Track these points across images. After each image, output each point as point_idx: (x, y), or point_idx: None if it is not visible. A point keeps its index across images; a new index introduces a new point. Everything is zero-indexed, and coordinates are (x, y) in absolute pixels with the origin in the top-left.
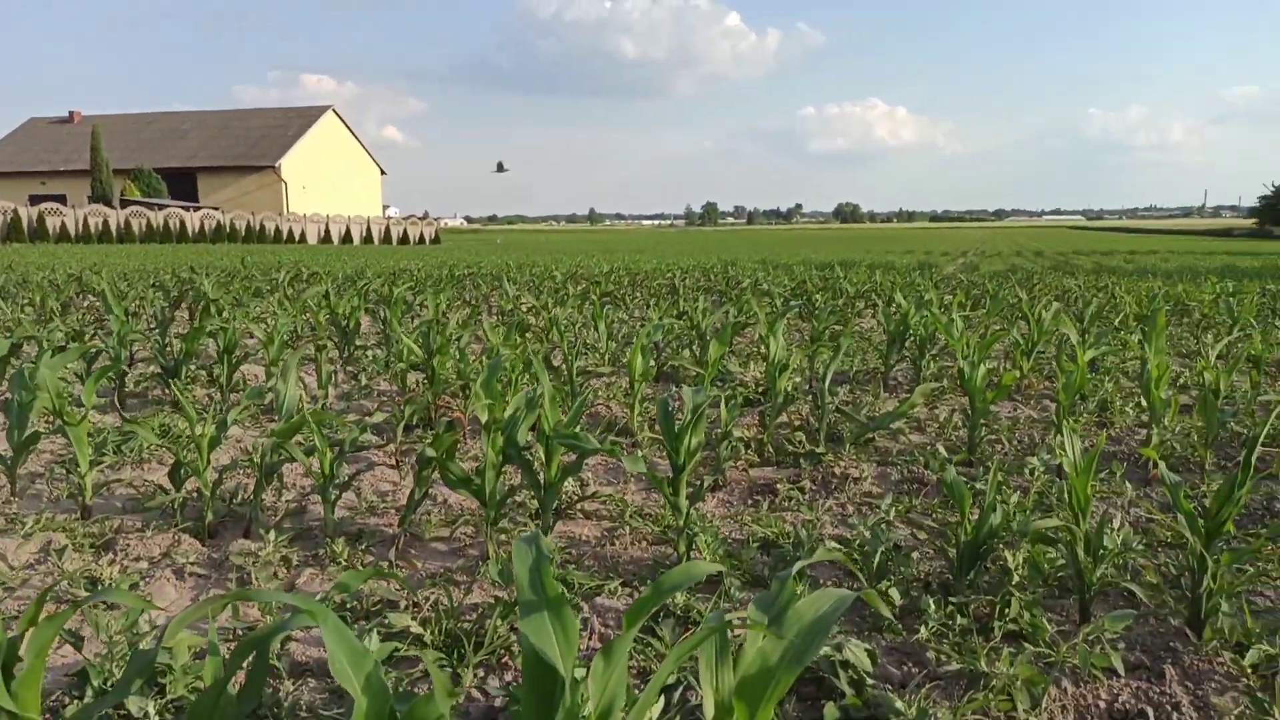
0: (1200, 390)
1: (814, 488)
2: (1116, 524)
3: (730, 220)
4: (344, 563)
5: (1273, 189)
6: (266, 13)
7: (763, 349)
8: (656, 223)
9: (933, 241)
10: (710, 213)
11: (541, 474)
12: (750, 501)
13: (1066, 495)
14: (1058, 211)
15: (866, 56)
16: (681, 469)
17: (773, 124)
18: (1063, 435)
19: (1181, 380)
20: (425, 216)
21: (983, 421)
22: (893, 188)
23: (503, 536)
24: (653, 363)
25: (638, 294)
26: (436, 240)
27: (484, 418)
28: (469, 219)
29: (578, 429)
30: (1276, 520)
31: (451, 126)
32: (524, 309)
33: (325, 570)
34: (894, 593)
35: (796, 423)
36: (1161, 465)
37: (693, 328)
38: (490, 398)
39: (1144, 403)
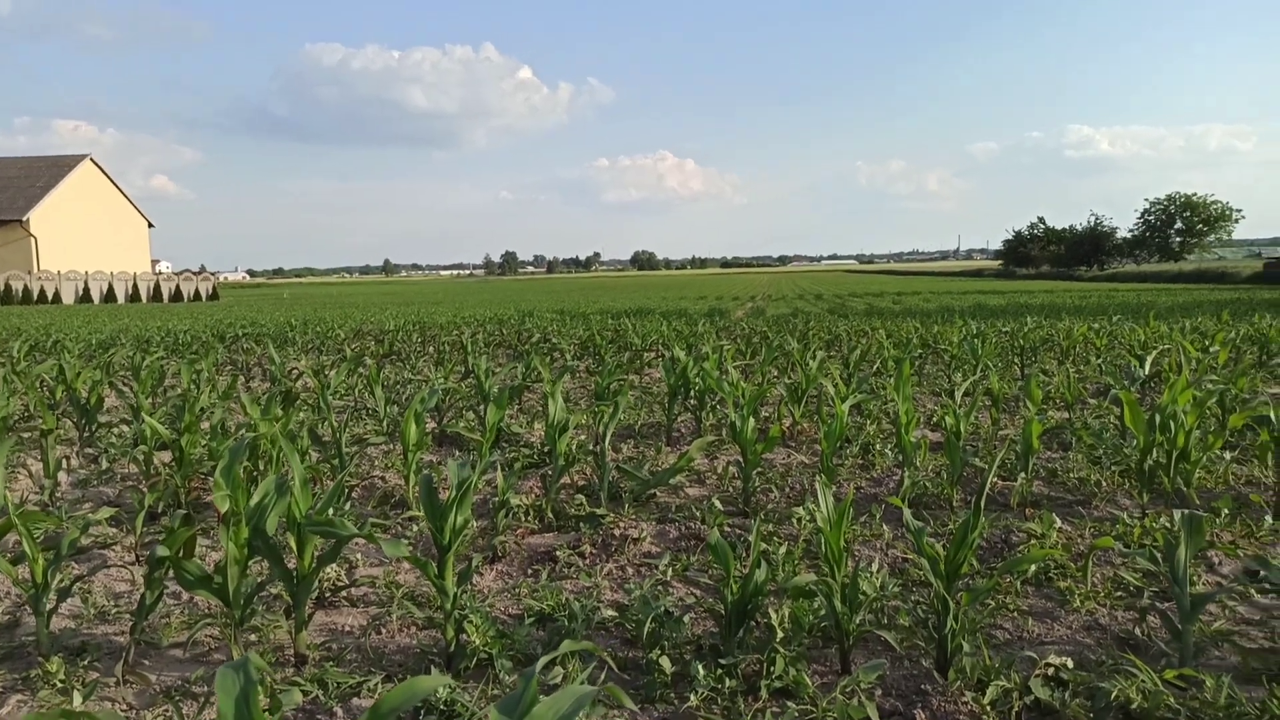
0: (946, 430)
1: (594, 551)
2: (875, 568)
3: (531, 269)
4: (60, 684)
5: (1013, 234)
6: (7, 55)
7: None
8: (455, 273)
9: (724, 286)
10: (510, 262)
11: (294, 565)
12: (530, 571)
13: (822, 547)
14: (834, 256)
15: (655, 112)
16: (448, 548)
17: (569, 175)
18: (819, 491)
19: (935, 419)
20: (201, 271)
21: (757, 471)
22: (686, 235)
23: (253, 636)
24: (434, 426)
25: (430, 349)
26: (214, 296)
27: (223, 508)
28: (251, 272)
29: (347, 505)
30: (1014, 552)
31: (230, 176)
32: (293, 375)
33: (36, 695)
34: (665, 661)
35: (580, 483)
36: (906, 512)
37: (478, 389)
38: (232, 486)
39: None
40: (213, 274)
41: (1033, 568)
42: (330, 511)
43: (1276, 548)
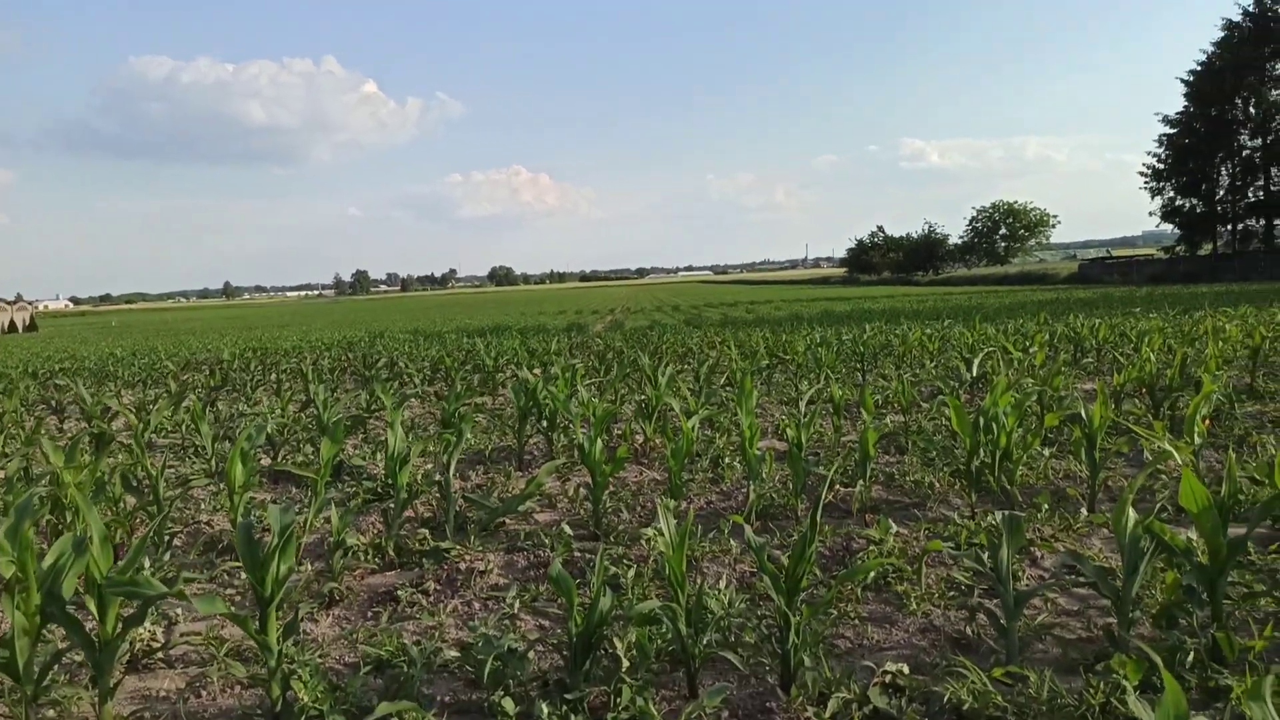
0: (789, 442)
1: (439, 588)
2: (724, 584)
3: (384, 288)
4: None
5: (856, 242)
6: None
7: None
8: (303, 293)
9: (584, 300)
10: (362, 281)
11: (96, 631)
12: (369, 614)
13: (666, 571)
14: (690, 268)
15: (507, 126)
16: (270, 600)
17: (421, 191)
18: (660, 514)
19: (782, 429)
20: (16, 300)
21: (609, 491)
22: (543, 250)
23: (51, 712)
24: (267, 462)
25: (271, 377)
26: (32, 327)
27: (8, 574)
28: (76, 300)
29: (167, 556)
30: (855, 559)
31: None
32: (109, 414)
33: None
34: (508, 702)
35: (426, 516)
36: (748, 530)
37: (317, 420)
38: (20, 548)
39: None
40: (30, 303)
41: (871, 574)
42: (144, 565)
43: (1091, 539)
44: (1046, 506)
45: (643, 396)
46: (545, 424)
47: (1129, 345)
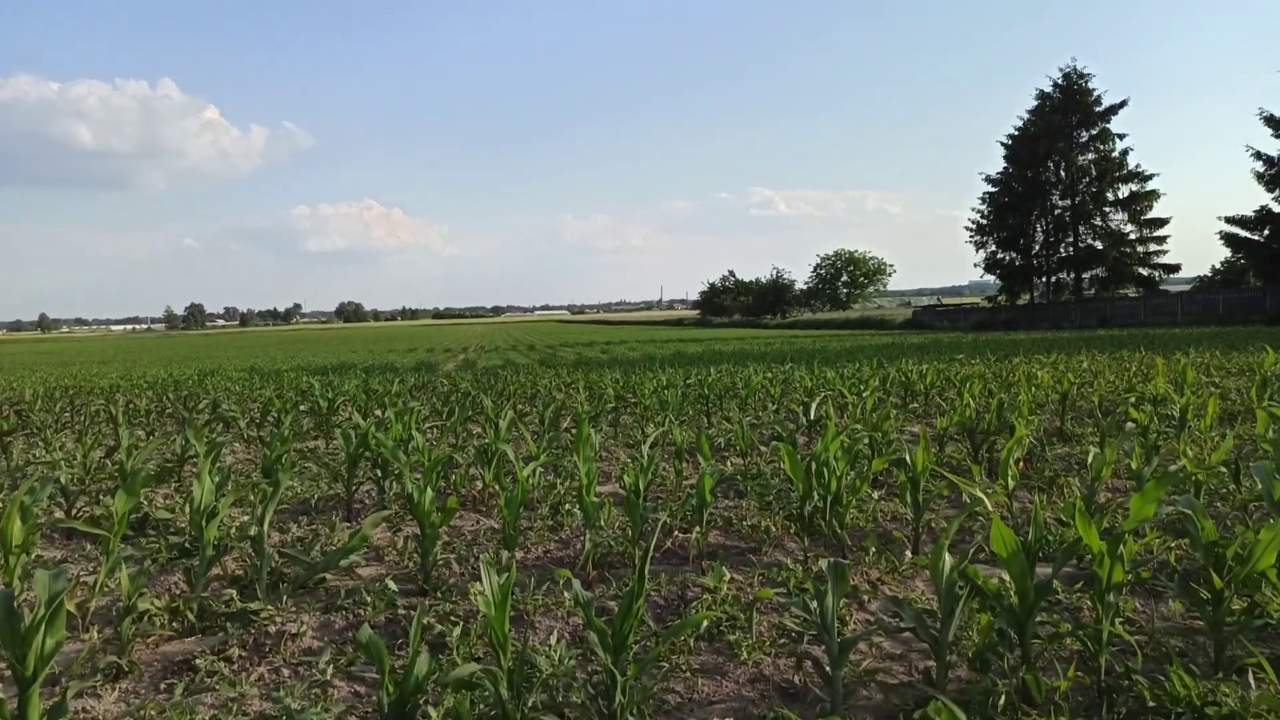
0: (626, 489)
1: (244, 654)
2: (554, 640)
3: (222, 322)
4: None
5: (708, 285)
6: None
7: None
8: (130, 327)
9: (436, 338)
10: (197, 315)
11: None
12: (163, 687)
13: (489, 631)
14: (547, 307)
15: (359, 159)
16: (32, 680)
17: (265, 222)
18: (482, 571)
19: (620, 474)
20: None
21: (443, 542)
22: (395, 286)
23: None
24: (61, 515)
25: (82, 419)
26: None
27: None
28: None
29: None
30: (690, 609)
31: None
32: None
33: None
34: None
35: (236, 573)
36: (576, 584)
37: (119, 468)
38: None
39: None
40: None
41: (705, 623)
42: None
43: (915, 582)
44: (874, 549)
45: (483, 440)
46: (378, 471)
47: (953, 390)
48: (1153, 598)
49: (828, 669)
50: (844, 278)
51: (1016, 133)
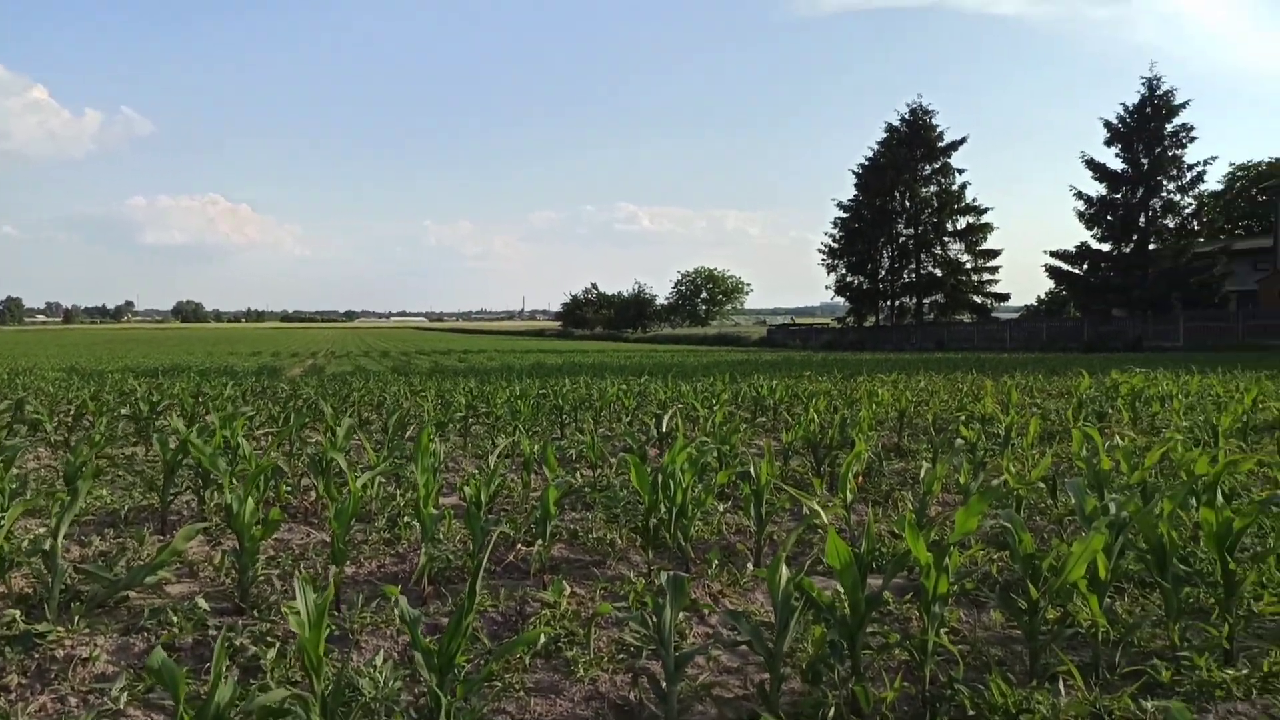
0: (467, 501)
1: (25, 682)
2: (381, 660)
3: (42, 318)
4: None
5: (571, 297)
6: None
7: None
8: None
9: (284, 342)
10: (14, 309)
11: None
12: None
13: (303, 654)
14: (404, 313)
15: (203, 151)
16: None
17: (96, 211)
18: (297, 588)
19: (460, 485)
20: None
21: (267, 556)
22: (241, 286)
23: None
24: None
25: None
26: None
27: None
28: None
29: None
30: (528, 624)
31: None
32: None
33: None
34: None
35: (25, 591)
36: (403, 601)
37: None
38: None
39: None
40: None
41: (542, 639)
42: None
43: (755, 594)
44: (717, 562)
45: (318, 448)
46: (200, 480)
47: (801, 405)
48: (976, 608)
49: (663, 684)
50: (703, 295)
51: (867, 162)
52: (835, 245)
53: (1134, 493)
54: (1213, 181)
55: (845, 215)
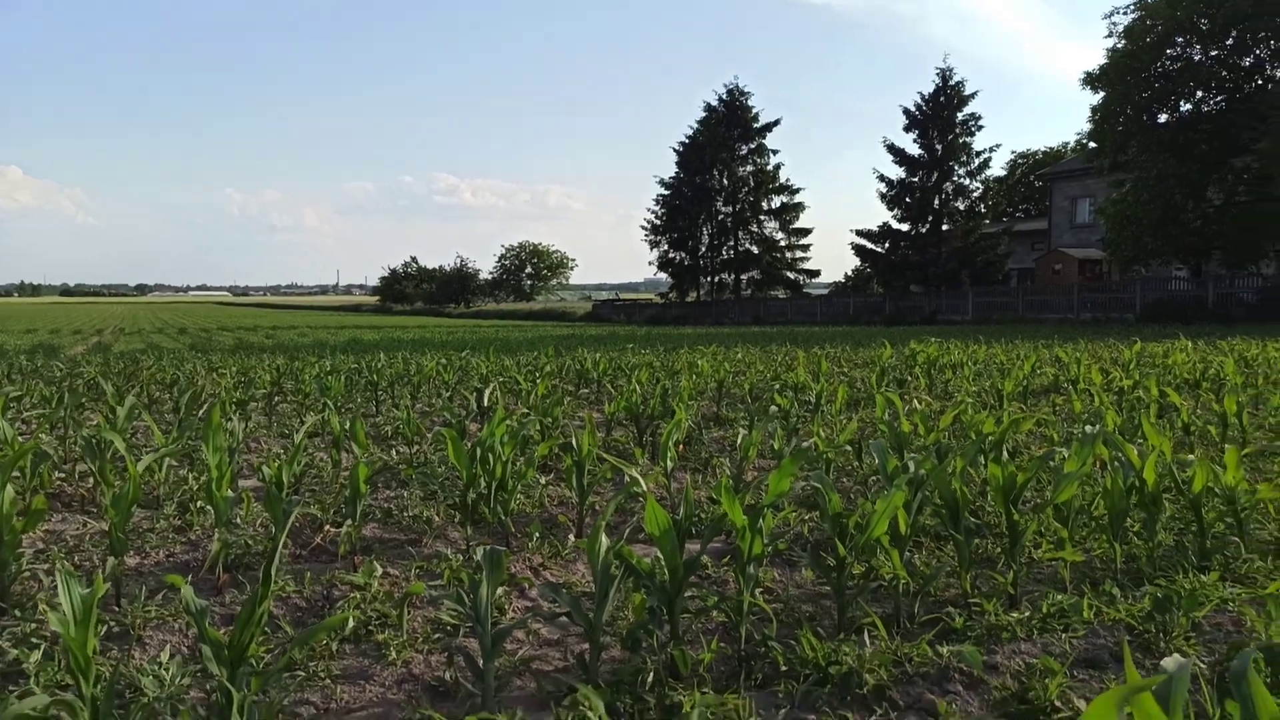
0: (266, 481)
1: None
2: (167, 656)
3: None
4: None
5: (389, 271)
6: None
7: None
8: None
9: (66, 317)
10: None
11: None
12: None
13: (70, 656)
14: (204, 287)
15: None
16: None
17: None
18: (59, 582)
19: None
20: None
21: (33, 550)
22: (12, 256)
23: None
24: None
25: None
26: None
27: None
28: None
29: None
30: (335, 608)
31: None
32: None
33: None
34: None
35: None
36: (186, 590)
37: None
38: None
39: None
40: None
41: (351, 623)
42: None
43: (577, 565)
44: (538, 535)
45: (92, 431)
46: None
47: (624, 378)
48: (789, 568)
49: (479, 662)
50: (528, 269)
51: (687, 140)
52: (658, 222)
53: (930, 452)
54: (997, 168)
55: (667, 192)
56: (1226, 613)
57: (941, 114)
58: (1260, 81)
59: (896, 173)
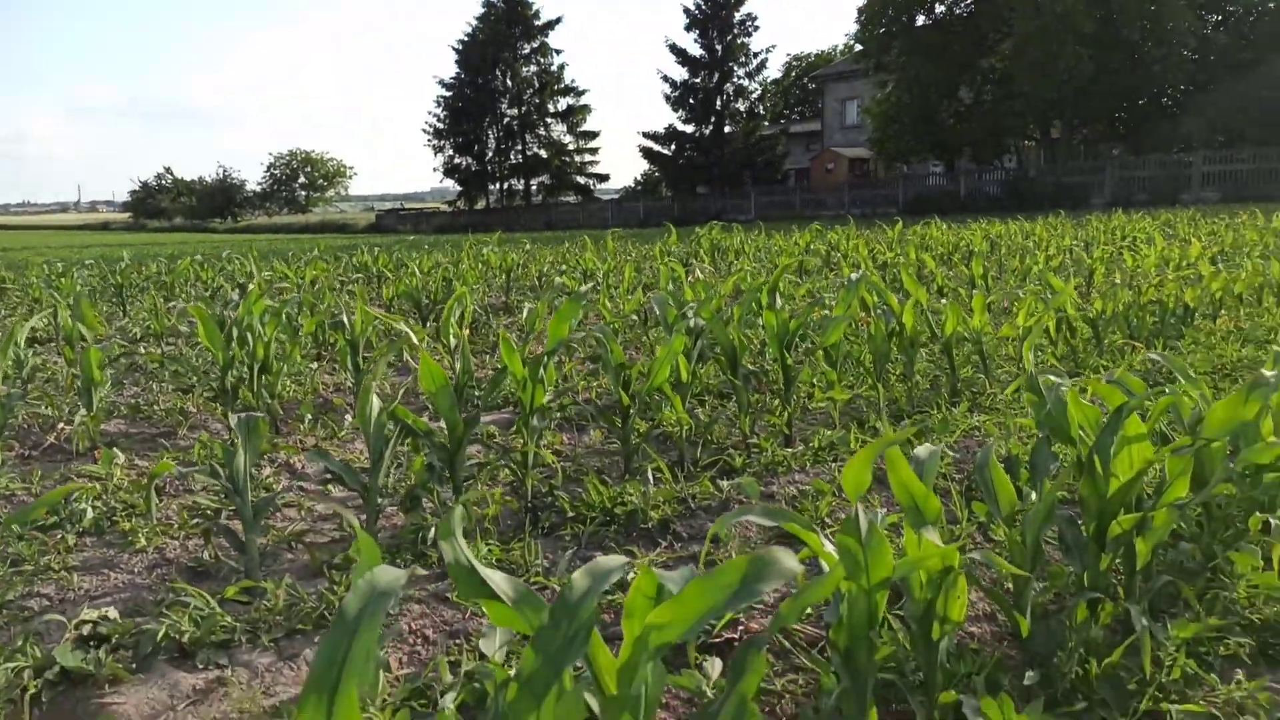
0: None
1: None
2: None
3: None
4: None
5: (141, 185)
6: None
7: None
8: None
9: None
10: None
11: None
12: None
13: None
14: None
15: None
16: None
17: None
18: None
19: None
20: None
21: None
22: None
23: None
24: None
25: None
26: None
27: None
28: None
29: None
30: (74, 502)
31: None
32: None
33: None
34: None
35: None
36: None
37: None
38: None
39: None
40: None
41: (90, 514)
42: None
43: (355, 444)
44: (310, 416)
45: None
46: None
47: (405, 271)
48: (578, 431)
49: (241, 536)
50: (301, 179)
51: (467, 38)
52: (440, 125)
53: (709, 305)
54: (774, 70)
55: (448, 94)
56: (974, 437)
57: (720, 13)
58: None
59: (680, 74)
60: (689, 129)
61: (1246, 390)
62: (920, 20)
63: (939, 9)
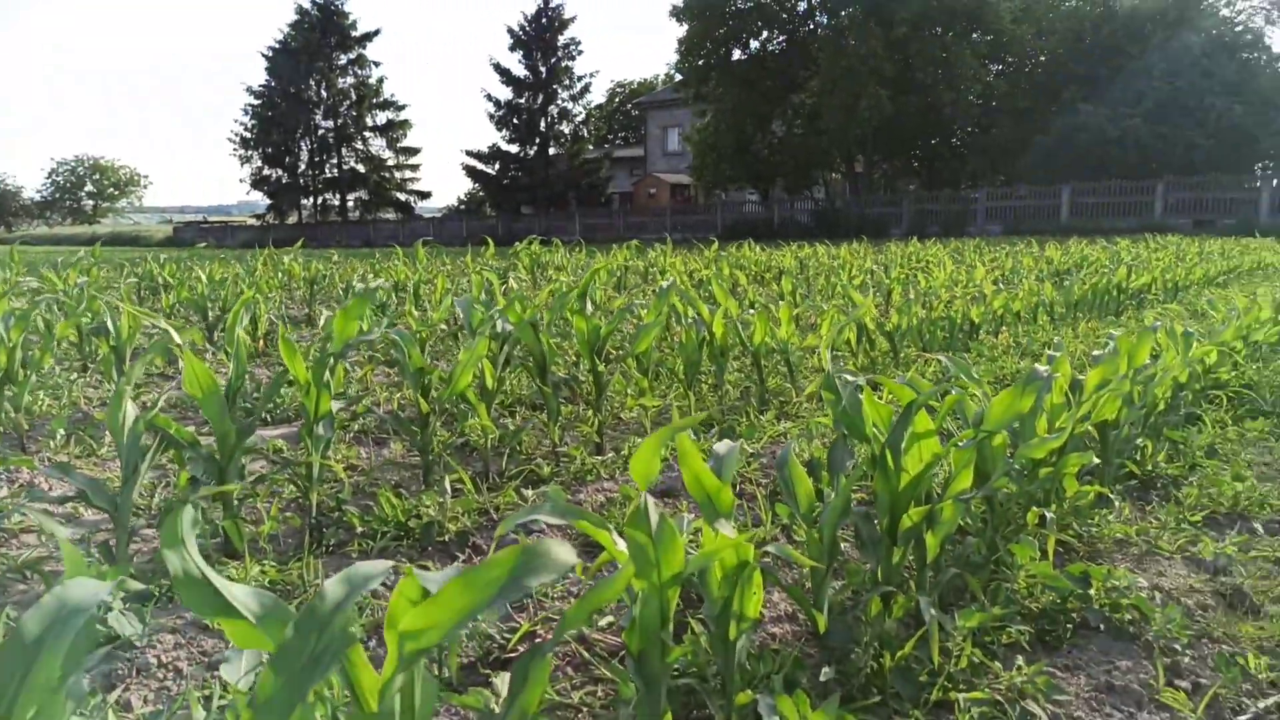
0: None
1: None
2: None
3: None
4: None
5: None
6: None
7: None
8: None
9: None
10: None
11: None
12: None
13: None
14: None
15: None
16: None
17: None
18: None
19: None
20: None
21: None
22: None
23: None
24: None
25: None
26: None
27: None
28: None
29: None
30: None
31: None
32: None
33: None
34: None
35: None
36: None
37: None
38: None
39: None
40: None
41: None
42: None
43: (116, 462)
44: (63, 432)
45: None
46: None
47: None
48: (378, 445)
49: None
50: (89, 187)
51: (278, 45)
52: (248, 135)
53: (516, 308)
54: (598, 95)
55: (258, 103)
56: (781, 443)
57: (544, 35)
58: (811, 26)
59: (505, 94)
60: (514, 149)
61: (1023, 383)
62: (736, 54)
63: (754, 45)
